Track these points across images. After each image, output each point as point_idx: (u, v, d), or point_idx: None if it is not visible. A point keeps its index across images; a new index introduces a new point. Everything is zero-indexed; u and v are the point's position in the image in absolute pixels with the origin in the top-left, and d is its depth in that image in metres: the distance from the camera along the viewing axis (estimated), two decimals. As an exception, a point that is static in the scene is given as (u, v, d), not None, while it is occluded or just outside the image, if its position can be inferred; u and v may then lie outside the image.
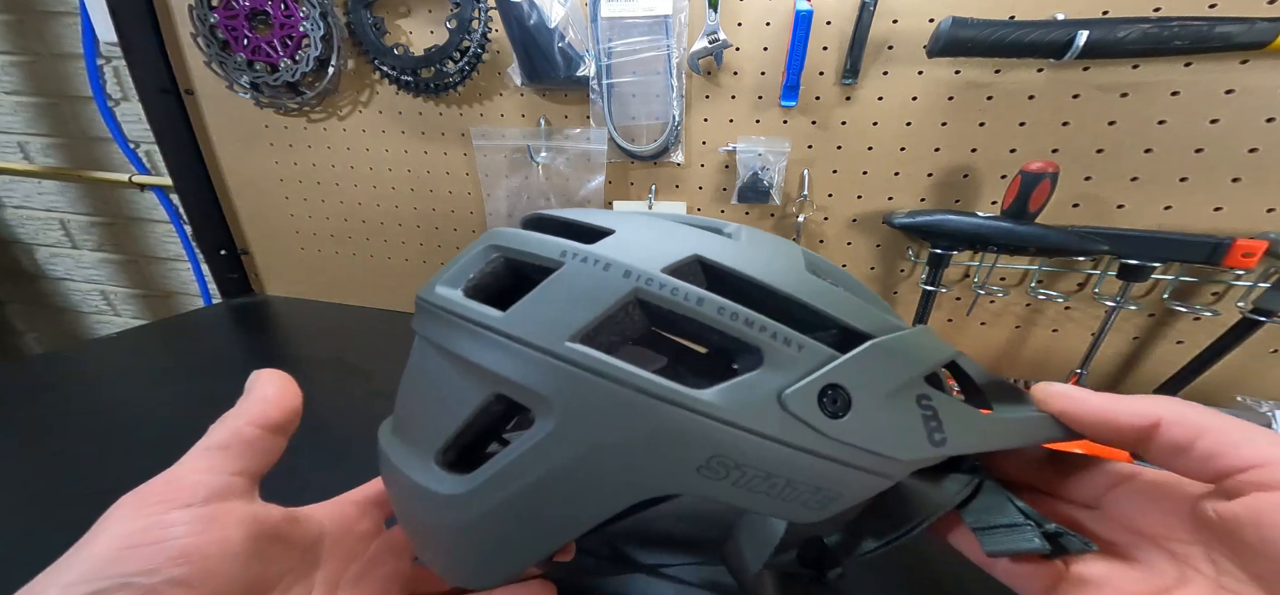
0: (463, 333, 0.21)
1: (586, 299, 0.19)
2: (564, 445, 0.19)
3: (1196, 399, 0.55)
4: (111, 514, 0.19)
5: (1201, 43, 0.42)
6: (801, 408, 0.18)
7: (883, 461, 0.19)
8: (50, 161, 0.98)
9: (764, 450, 0.19)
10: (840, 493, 0.20)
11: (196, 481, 0.20)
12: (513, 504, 0.20)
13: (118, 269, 1.08)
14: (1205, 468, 0.18)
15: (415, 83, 0.64)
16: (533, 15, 0.54)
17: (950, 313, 0.60)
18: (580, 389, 0.19)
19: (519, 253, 0.22)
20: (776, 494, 0.19)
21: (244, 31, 0.64)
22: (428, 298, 0.22)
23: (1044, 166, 0.45)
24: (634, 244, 0.20)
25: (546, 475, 0.20)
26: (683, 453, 0.19)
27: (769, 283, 0.20)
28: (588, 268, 0.20)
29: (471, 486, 0.21)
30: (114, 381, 0.60)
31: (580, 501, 0.20)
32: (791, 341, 0.19)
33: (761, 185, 0.58)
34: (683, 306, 0.19)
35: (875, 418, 0.19)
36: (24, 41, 0.88)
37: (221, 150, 0.77)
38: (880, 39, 0.51)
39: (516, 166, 0.66)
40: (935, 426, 0.20)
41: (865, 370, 0.19)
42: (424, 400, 0.23)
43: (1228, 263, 0.44)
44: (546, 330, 0.19)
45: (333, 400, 0.58)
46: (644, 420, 0.18)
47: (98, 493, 0.19)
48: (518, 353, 0.19)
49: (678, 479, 0.19)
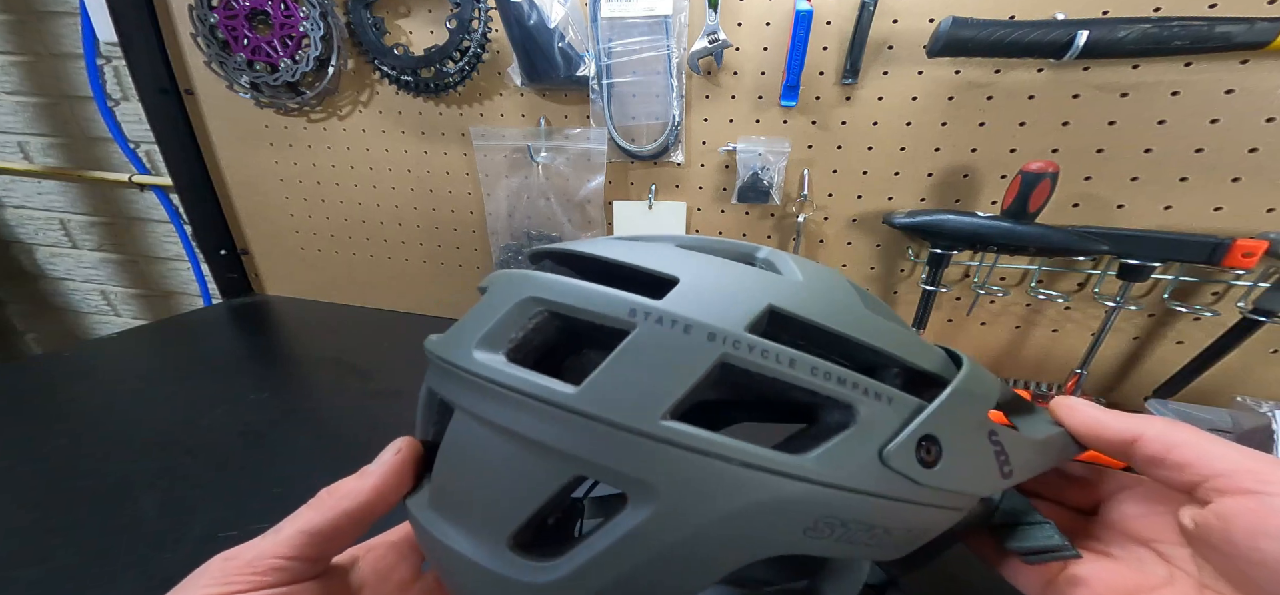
0: (526, 412, 0.18)
1: (673, 370, 0.18)
2: (667, 529, 0.18)
3: (1196, 399, 0.55)
4: (198, 576, 0.19)
5: (1201, 43, 0.42)
6: (901, 462, 0.19)
7: (964, 498, 0.20)
8: (50, 161, 0.98)
9: (867, 506, 0.19)
10: (927, 529, 0.20)
11: (280, 567, 0.20)
12: (610, 588, 0.19)
13: (118, 269, 1.08)
14: (1178, 477, 0.20)
15: (415, 83, 0.64)
16: (533, 15, 0.54)
17: (950, 313, 0.60)
18: (682, 470, 0.17)
19: (572, 309, 0.19)
20: (875, 541, 0.20)
21: (244, 31, 0.64)
22: (461, 365, 0.20)
23: (1044, 166, 0.45)
24: (705, 296, 0.19)
25: (647, 561, 0.18)
26: (791, 520, 0.18)
27: (840, 330, 0.19)
28: (667, 331, 0.18)
29: (560, 575, 0.19)
30: (114, 381, 0.60)
31: (682, 579, 0.19)
32: (882, 395, 0.19)
33: (761, 185, 0.58)
34: (774, 369, 0.18)
35: (961, 461, 0.20)
36: (24, 41, 0.88)
37: (221, 150, 0.77)
38: (880, 39, 0.51)
39: (516, 166, 0.66)
40: (1005, 460, 0.21)
41: (951, 417, 0.19)
42: (479, 481, 0.21)
43: (1228, 263, 0.44)
44: (635, 409, 0.17)
45: (333, 400, 0.59)
46: (751, 494, 0.18)
47: (97, 493, 0.19)
48: (604, 434, 0.18)
49: (785, 543, 0.19)
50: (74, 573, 0.33)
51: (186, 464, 0.45)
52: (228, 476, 0.23)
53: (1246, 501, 0.18)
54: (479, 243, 0.73)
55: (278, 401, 0.56)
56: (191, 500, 0.21)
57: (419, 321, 0.77)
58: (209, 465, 0.44)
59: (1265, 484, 0.18)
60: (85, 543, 0.36)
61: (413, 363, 0.28)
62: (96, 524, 0.38)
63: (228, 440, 0.48)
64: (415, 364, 0.29)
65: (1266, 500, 0.17)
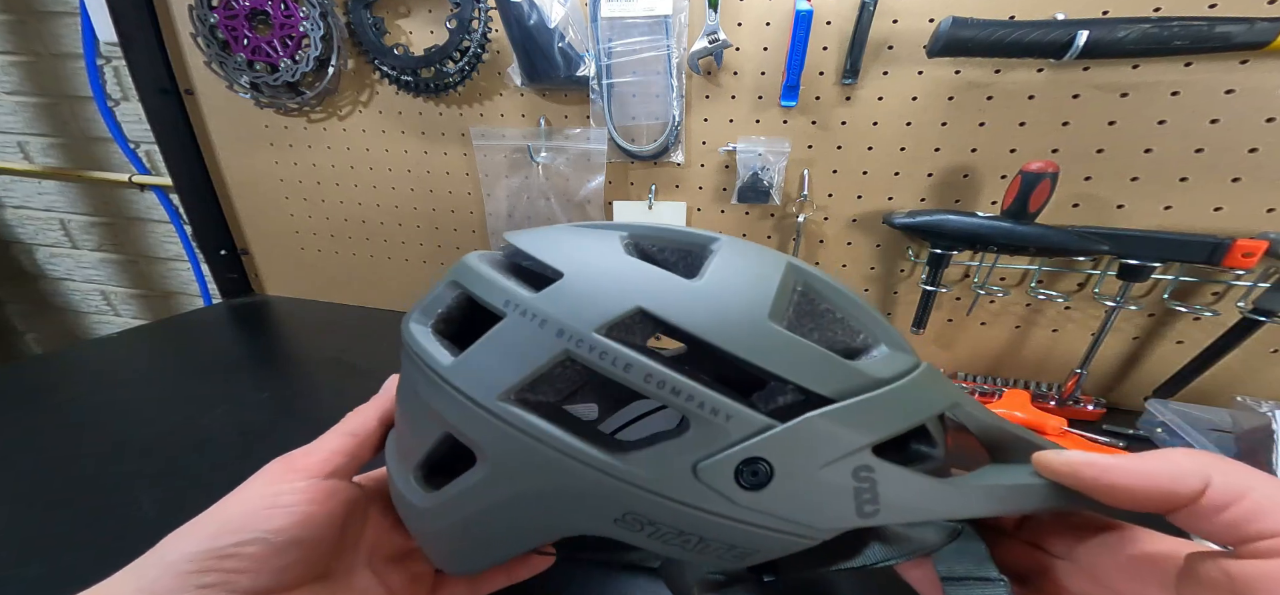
0: (422, 375, 0.22)
1: (519, 356, 0.20)
2: (495, 489, 0.21)
3: (1196, 399, 0.55)
4: (261, 472, 0.24)
5: (1201, 43, 0.42)
6: (715, 479, 0.19)
7: (800, 526, 0.20)
8: (50, 161, 0.98)
9: (673, 512, 0.19)
10: (755, 550, 0.20)
11: (324, 460, 0.24)
12: (465, 524, 0.23)
13: (118, 269, 1.08)
14: (1238, 530, 0.17)
15: (415, 83, 0.64)
16: (533, 15, 0.54)
17: (950, 313, 0.60)
18: (507, 444, 0.20)
19: (474, 294, 0.22)
20: (691, 548, 0.20)
21: (244, 31, 0.64)
22: (404, 334, 0.24)
23: (1044, 166, 0.45)
24: (578, 292, 0.20)
25: (485, 509, 0.22)
26: (599, 507, 0.20)
27: (713, 342, 0.19)
28: (524, 323, 0.20)
29: (435, 503, 0.23)
30: (114, 381, 0.60)
31: (516, 532, 0.22)
32: (719, 411, 0.18)
33: (761, 185, 0.58)
34: (609, 371, 0.19)
35: (796, 491, 0.19)
36: (24, 41, 0.88)
37: (221, 150, 0.77)
38: (880, 39, 0.51)
39: (516, 166, 0.66)
40: (868, 498, 0.19)
41: (796, 445, 0.19)
42: (403, 422, 0.26)
43: (1228, 263, 0.44)
44: (482, 385, 0.20)
45: (333, 400, 0.59)
46: (562, 477, 0.20)
47: (97, 492, 0.20)
48: (459, 403, 0.21)
49: (597, 526, 0.20)
50: (74, 572, 0.33)
51: (186, 464, 0.45)
52: (228, 476, 0.23)
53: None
54: (479, 243, 0.73)
55: (278, 401, 0.56)
56: (191, 500, 0.22)
57: (419, 321, 0.77)
58: (209, 465, 0.44)
59: None
60: (85, 543, 0.36)
61: None
62: (96, 524, 0.38)
63: (228, 440, 0.48)
64: (415, 364, 0.29)
65: None
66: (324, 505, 0.23)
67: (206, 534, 0.20)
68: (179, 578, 0.19)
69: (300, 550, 0.22)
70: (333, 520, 0.23)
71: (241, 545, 0.20)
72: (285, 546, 0.21)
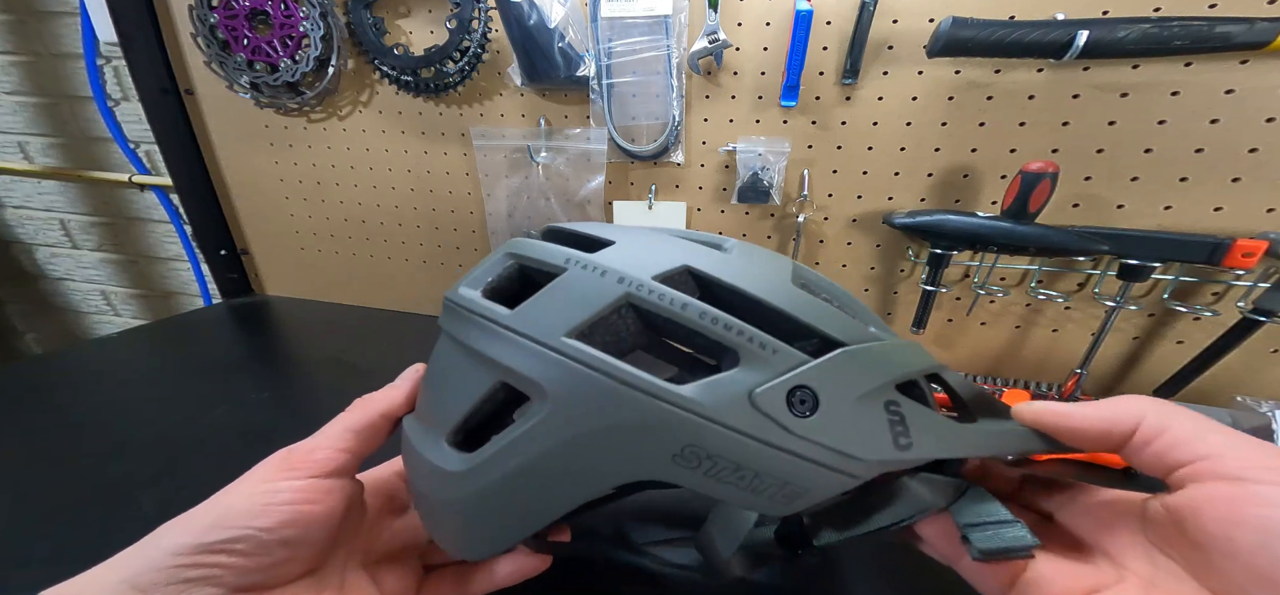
0: (475, 327, 0.23)
1: (583, 301, 0.21)
2: (555, 429, 0.21)
3: (1196, 399, 0.55)
4: (259, 467, 0.23)
5: (1201, 43, 0.42)
6: (770, 406, 0.20)
7: (847, 460, 0.21)
8: (50, 161, 0.98)
9: (733, 443, 0.20)
10: (806, 488, 0.21)
11: (325, 458, 0.24)
12: (508, 481, 0.22)
13: (118, 269, 1.08)
14: (1166, 458, 0.19)
15: (415, 83, 0.64)
16: (533, 15, 0.54)
17: (950, 313, 0.60)
18: (570, 378, 0.20)
19: (530, 260, 0.24)
20: (745, 486, 0.21)
21: (244, 31, 0.64)
22: (451, 297, 0.25)
23: (1044, 166, 0.45)
24: (630, 254, 0.23)
25: (538, 457, 0.22)
26: (659, 441, 0.20)
27: (753, 292, 0.22)
28: (586, 274, 0.22)
29: (474, 463, 0.23)
30: (114, 381, 0.60)
31: (567, 482, 0.22)
32: (767, 345, 0.20)
33: (761, 185, 0.58)
34: (668, 310, 0.21)
35: (841, 419, 0.20)
36: (24, 41, 0.88)
37: (221, 150, 0.77)
38: (880, 39, 0.51)
39: (516, 166, 0.66)
40: (902, 431, 0.21)
41: (835, 375, 0.21)
42: (441, 388, 0.26)
43: (1228, 263, 0.44)
44: (546, 326, 0.21)
45: (332, 400, 0.58)
46: (625, 409, 0.20)
47: (97, 492, 0.20)
48: (520, 344, 0.21)
49: (655, 466, 0.21)
50: (74, 573, 0.33)
51: (186, 464, 0.45)
52: (228, 476, 0.23)
53: (1226, 487, 0.17)
54: (479, 243, 0.73)
55: (278, 401, 0.56)
56: (191, 500, 0.22)
57: (419, 321, 0.77)
58: (209, 465, 0.44)
59: (1248, 469, 0.17)
60: (85, 543, 0.36)
61: (412, 362, 0.29)
62: (96, 524, 0.38)
63: (228, 440, 0.48)
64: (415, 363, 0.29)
65: (1248, 487, 0.16)
66: (320, 504, 0.23)
67: (199, 528, 0.20)
68: (164, 571, 0.19)
69: (291, 549, 0.22)
70: (329, 519, 0.23)
71: (231, 542, 0.20)
72: (275, 544, 0.21)
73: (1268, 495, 0.16)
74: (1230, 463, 0.17)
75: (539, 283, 0.23)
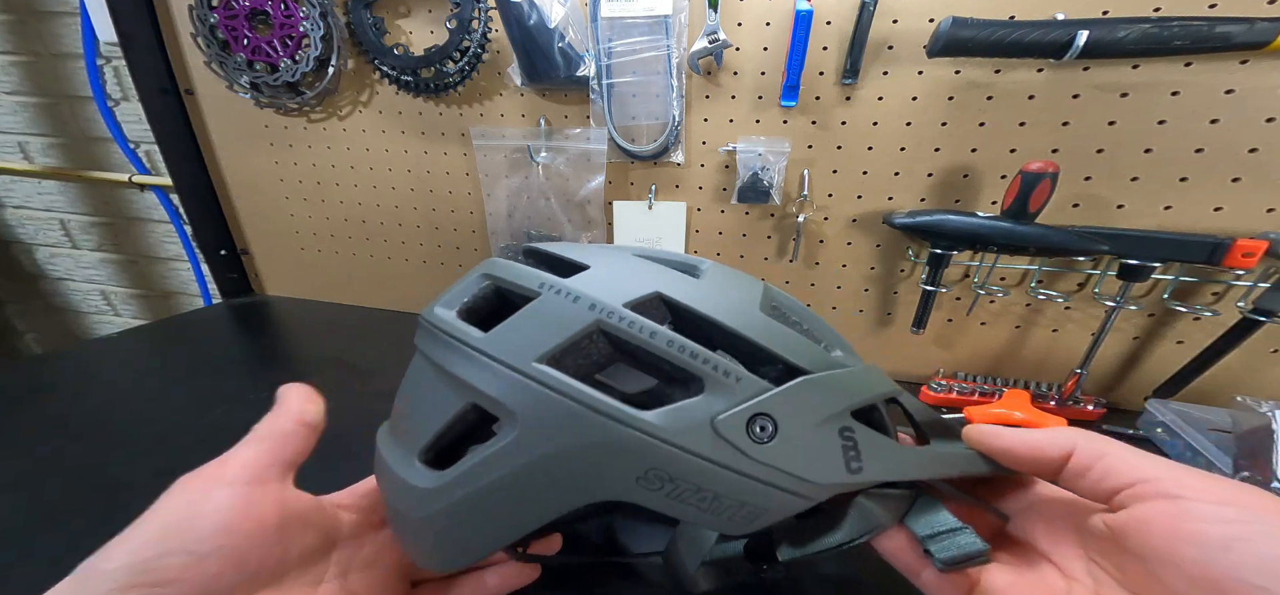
0: (449, 348, 0.23)
1: (555, 326, 0.22)
2: (523, 451, 0.22)
3: (1196, 399, 0.55)
4: (171, 490, 0.23)
5: (1201, 43, 0.42)
6: (731, 432, 0.21)
7: (801, 483, 0.22)
8: (50, 161, 0.98)
9: (694, 467, 0.21)
10: (764, 509, 0.22)
11: (240, 467, 0.24)
12: (477, 499, 0.23)
13: (118, 269, 1.08)
14: (1102, 485, 0.21)
15: (415, 83, 0.64)
16: (533, 15, 0.54)
17: (950, 313, 0.60)
18: (539, 403, 0.21)
19: (505, 282, 0.25)
20: (706, 507, 0.22)
21: (244, 31, 0.64)
22: (427, 317, 0.26)
23: (1044, 166, 0.45)
24: (604, 279, 0.24)
25: (507, 476, 0.22)
26: (623, 465, 0.21)
27: (721, 320, 0.23)
28: (559, 299, 0.23)
29: (444, 481, 0.23)
30: (114, 381, 0.60)
31: (534, 501, 0.23)
32: (730, 374, 0.22)
33: (761, 185, 0.58)
34: (637, 338, 0.22)
35: (798, 445, 0.22)
36: (24, 41, 0.88)
37: (221, 150, 0.77)
38: (880, 39, 0.51)
39: (516, 166, 0.66)
40: (854, 456, 0.22)
41: (793, 403, 0.22)
42: (414, 406, 0.26)
43: (1228, 263, 0.44)
44: (517, 351, 0.22)
45: (332, 400, 0.58)
46: (591, 433, 0.21)
47: (97, 492, 0.20)
48: (491, 368, 0.22)
49: (619, 487, 0.22)
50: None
51: (186, 464, 0.45)
52: (228, 476, 0.24)
53: (1166, 506, 0.19)
54: (479, 243, 0.73)
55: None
56: (191, 500, 0.22)
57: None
58: (209, 465, 0.44)
59: (1184, 490, 0.18)
60: (85, 543, 0.36)
61: (412, 362, 0.29)
62: (96, 524, 0.38)
63: (228, 440, 0.48)
64: (415, 364, 0.29)
65: (1185, 505, 0.18)
66: (248, 511, 0.22)
67: (132, 547, 0.20)
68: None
69: (226, 559, 0.21)
70: (262, 527, 0.22)
71: (164, 557, 0.20)
72: (209, 555, 0.21)
73: (1204, 512, 0.18)
74: (1169, 485, 0.19)
75: (515, 304, 0.24)
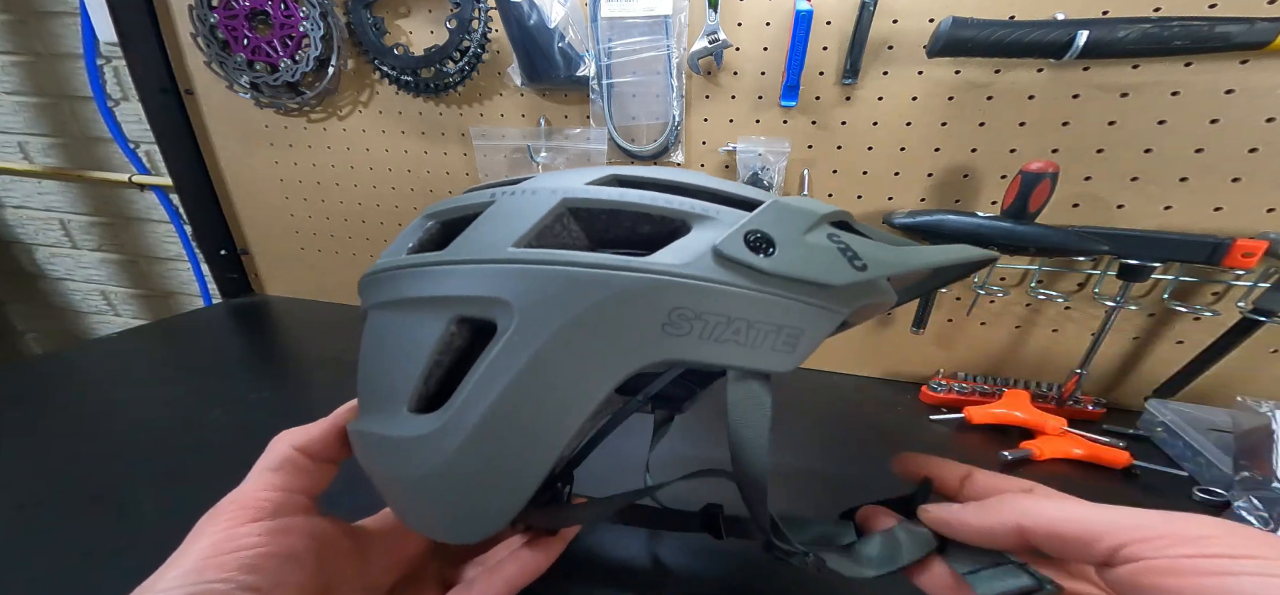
0: (413, 276, 0.22)
1: (521, 216, 0.21)
2: (530, 337, 0.19)
3: (1196, 399, 0.54)
4: (196, 530, 0.22)
5: (1201, 43, 0.42)
6: (735, 251, 0.20)
7: (820, 290, 0.21)
8: (50, 161, 0.98)
9: (716, 294, 0.20)
10: (800, 327, 0.21)
11: (264, 499, 0.23)
12: (489, 424, 0.20)
13: (118, 269, 1.08)
14: (1091, 553, 0.19)
15: (415, 83, 0.64)
16: (533, 15, 0.54)
17: (950, 312, 0.60)
18: (534, 280, 0.20)
19: (452, 210, 0.24)
20: (744, 341, 0.20)
21: (244, 31, 0.64)
22: (372, 270, 0.24)
23: (1044, 166, 0.45)
24: (556, 177, 0.23)
25: (516, 378, 0.20)
26: (644, 312, 0.19)
27: (677, 178, 0.23)
28: (518, 197, 0.22)
29: (445, 418, 0.21)
30: (114, 381, 0.60)
31: (556, 402, 0.20)
32: (709, 211, 0.21)
33: (761, 185, 0.58)
34: (609, 202, 0.21)
35: (799, 252, 0.21)
36: (24, 41, 0.88)
37: (221, 150, 0.77)
38: (880, 39, 0.51)
39: (516, 166, 0.66)
40: (853, 256, 0.21)
41: (777, 218, 0.21)
42: (384, 362, 0.24)
43: (1228, 263, 0.44)
44: (489, 246, 0.21)
45: (332, 400, 0.58)
46: (599, 289, 0.19)
47: (97, 492, 0.20)
48: (468, 270, 0.21)
49: (645, 344, 0.19)
50: (73, 573, 0.33)
51: (186, 464, 0.45)
52: (227, 476, 0.23)
53: (1173, 559, 0.18)
54: (479, 243, 0.73)
55: (278, 401, 0.56)
56: (191, 500, 0.22)
57: (419, 321, 0.77)
58: (209, 466, 0.44)
59: (1185, 540, 0.18)
60: (84, 543, 0.36)
61: None
62: (96, 524, 0.38)
63: (227, 440, 0.48)
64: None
65: (1196, 560, 0.17)
66: (277, 545, 0.21)
67: (157, 591, 0.19)
68: None
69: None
70: (294, 559, 0.22)
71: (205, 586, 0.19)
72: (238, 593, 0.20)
73: (1214, 565, 0.17)
74: (1168, 539, 0.18)
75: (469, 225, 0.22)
